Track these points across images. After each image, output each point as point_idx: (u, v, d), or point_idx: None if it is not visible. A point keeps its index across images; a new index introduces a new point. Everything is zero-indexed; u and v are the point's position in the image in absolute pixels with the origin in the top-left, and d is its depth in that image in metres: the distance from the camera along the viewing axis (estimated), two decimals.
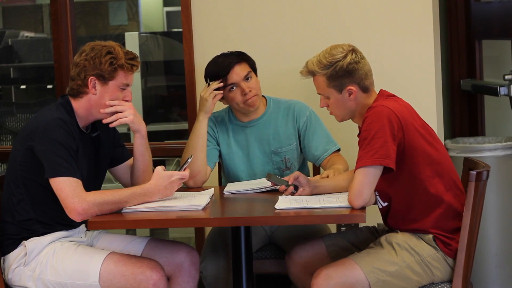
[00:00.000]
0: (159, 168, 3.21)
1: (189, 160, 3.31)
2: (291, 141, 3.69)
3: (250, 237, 3.27)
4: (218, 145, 3.72)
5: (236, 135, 3.71)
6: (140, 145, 3.40)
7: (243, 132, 3.71)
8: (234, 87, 3.60)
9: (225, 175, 3.80)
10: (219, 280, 3.58)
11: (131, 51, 3.27)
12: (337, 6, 4.15)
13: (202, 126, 3.62)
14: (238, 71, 3.59)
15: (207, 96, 3.59)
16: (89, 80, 3.22)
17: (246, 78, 3.59)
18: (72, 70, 3.27)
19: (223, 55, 3.66)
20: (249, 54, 3.71)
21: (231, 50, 3.69)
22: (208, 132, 3.68)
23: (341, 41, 3.25)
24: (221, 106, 3.75)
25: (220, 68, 3.60)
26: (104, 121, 3.28)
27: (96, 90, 3.23)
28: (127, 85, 3.27)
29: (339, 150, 3.68)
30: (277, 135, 3.69)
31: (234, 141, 3.71)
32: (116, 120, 3.27)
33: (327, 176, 3.38)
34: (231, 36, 4.19)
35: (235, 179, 3.71)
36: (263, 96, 3.75)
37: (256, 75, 3.67)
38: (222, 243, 3.62)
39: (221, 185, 3.84)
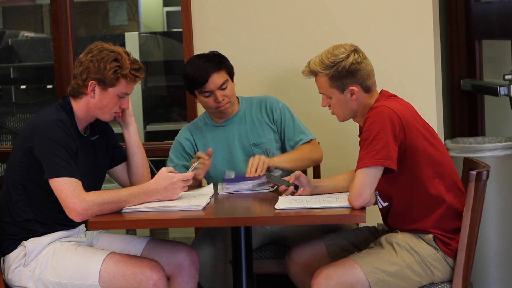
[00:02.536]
0: (163, 169, 3.21)
1: (195, 165, 3.31)
2: (269, 131, 3.74)
3: (250, 237, 3.27)
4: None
5: (215, 135, 3.73)
6: (135, 134, 3.42)
7: (221, 132, 3.74)
8: (209, 94, 3.62)
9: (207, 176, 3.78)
10: (211, 267, 3.60)
11: (138, 61, 3.27)
12: (338, 6, 4.14)
13: None
14: (215, 80, 3.60)
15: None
16: (89, 83, 3.22)
17: (222, 86, 3.61)
18: (75, 68, 3.27)
19: (203, 57, 3.66)
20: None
21: (212, 51, 3.69)
22: (185, 149, 3.70)
23: (341, 41, 3.25)
24: (201, 110, 3.77)
25: (198, 74, 3.60)
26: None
27: (94, 94, 3.22)
28: (126, 94, 3.27)
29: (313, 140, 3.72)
30: (254, 128, 3.73)
31: (213, 141, 3.71)
32: None
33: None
34: (231, 36, 4.19)
35: (217, 178, 3.69)
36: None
37: (232, 80, 3.68)
38: (215, 231, 3.65)
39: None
